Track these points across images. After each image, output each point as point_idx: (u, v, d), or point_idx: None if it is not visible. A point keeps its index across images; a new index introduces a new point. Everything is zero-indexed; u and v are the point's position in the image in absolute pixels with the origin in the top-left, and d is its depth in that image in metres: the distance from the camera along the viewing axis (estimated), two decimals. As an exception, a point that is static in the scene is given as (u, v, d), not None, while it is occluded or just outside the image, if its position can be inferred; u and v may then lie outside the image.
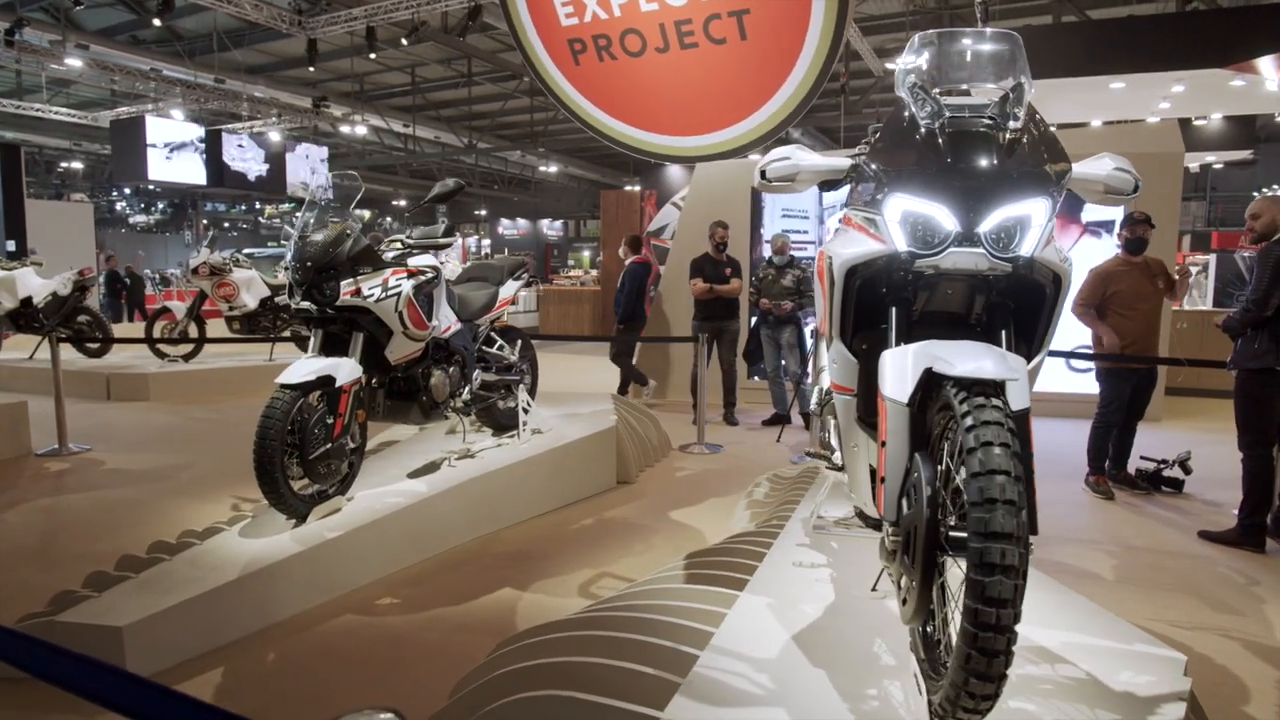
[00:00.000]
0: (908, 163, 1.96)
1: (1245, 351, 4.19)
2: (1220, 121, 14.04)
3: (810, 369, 6.30)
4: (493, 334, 4.74)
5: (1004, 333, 1.99)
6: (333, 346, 3.79)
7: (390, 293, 3.71)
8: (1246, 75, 10.02)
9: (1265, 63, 9.63)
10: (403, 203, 29.21)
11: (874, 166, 2.07)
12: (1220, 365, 4.48)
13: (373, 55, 13.45)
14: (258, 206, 30.62)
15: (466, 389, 4.38)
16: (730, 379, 7.36)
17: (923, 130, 1.97)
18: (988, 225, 1.86)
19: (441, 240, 3.83)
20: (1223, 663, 2.93)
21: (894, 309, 2.07)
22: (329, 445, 3.54)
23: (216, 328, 8.99)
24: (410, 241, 3.87)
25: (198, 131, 18.36)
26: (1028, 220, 1.87)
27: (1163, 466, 5.22)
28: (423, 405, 4.08)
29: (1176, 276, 5.31)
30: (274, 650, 3.01)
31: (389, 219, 30.79)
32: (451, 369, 4.27)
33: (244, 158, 19.32)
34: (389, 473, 4.23)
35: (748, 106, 8.48)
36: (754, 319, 7.38)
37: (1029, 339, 2.07)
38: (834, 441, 3.12)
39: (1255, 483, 4.15)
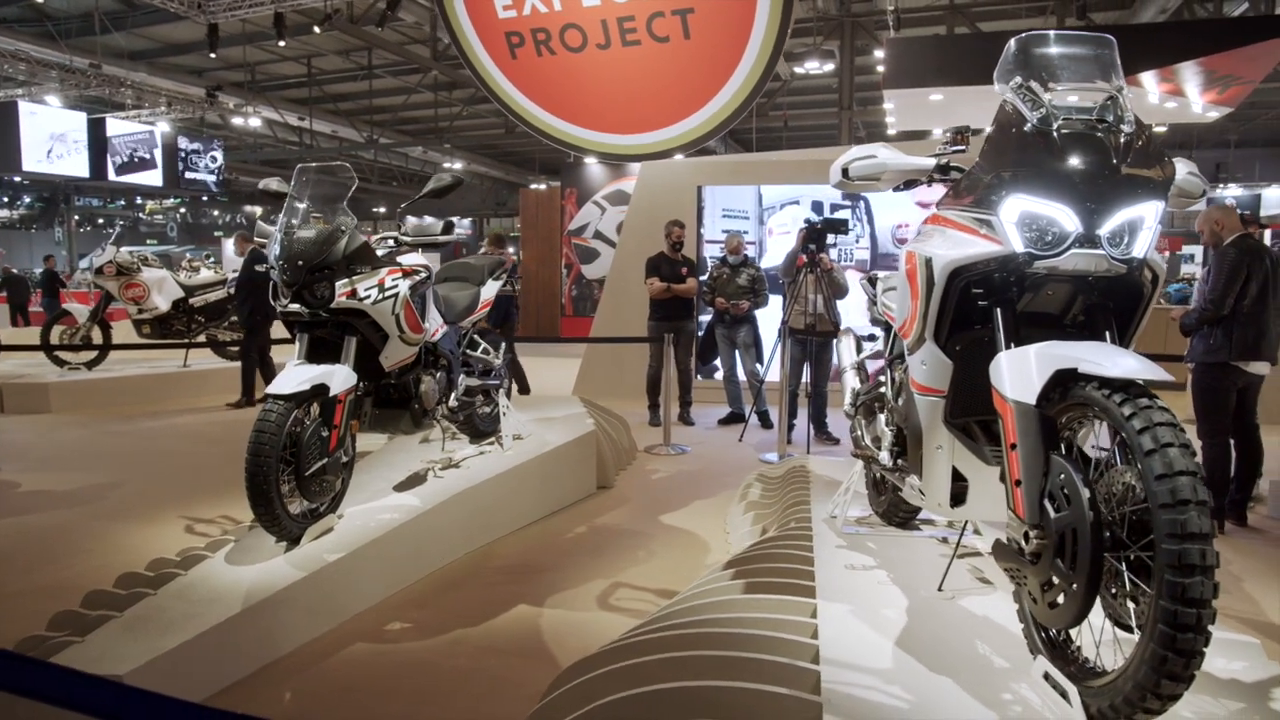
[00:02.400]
0: (1023, 163, 1.95)
1: (1201, 347, 4.46)
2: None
3: (779, 367, 6.33)
4: (475, 337, 4.52)
5: (1108, 333, 2.01)
6: (318, 352, 3.50)
7: (387, 294, 3.46)
8: (1132, 88, 10.85)
9: (1147, 77, 10.47)
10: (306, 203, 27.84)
11: (983, 166, 2.06)
12: (1176, 359, 4.77)
13: (282, 43, 12.71)
14: (139, 201, 28.41)
15: (453, 394, 4.16)
16: (686, 378, 7.32)
17: (1035, 131, 1.96)
18: (1108, 227, 1.88)
19: (440, 237, 3.61)
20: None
21: (999, 310, 2.06)
22: (325, 460, 3.27)
23: (123, 332, 8.27)
24: (406, 238, 3.61)
25: (80, 120, 16.95)
26: (1141, 221, 1.90)
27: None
28: (414, 413, 3.83)
29: None
30: (289, 687, 2.75)
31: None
32: (439, 374, 4.04)
33: (138, 152, 17.94)
34: (374, 486, 3.96)
35: (689, 106, 8.48)
36: (705, 318, 7.37)
37: (1120, 338, 2.10)
38: (868, 440, 3.12)
39: (1214, 469, 4.43)
